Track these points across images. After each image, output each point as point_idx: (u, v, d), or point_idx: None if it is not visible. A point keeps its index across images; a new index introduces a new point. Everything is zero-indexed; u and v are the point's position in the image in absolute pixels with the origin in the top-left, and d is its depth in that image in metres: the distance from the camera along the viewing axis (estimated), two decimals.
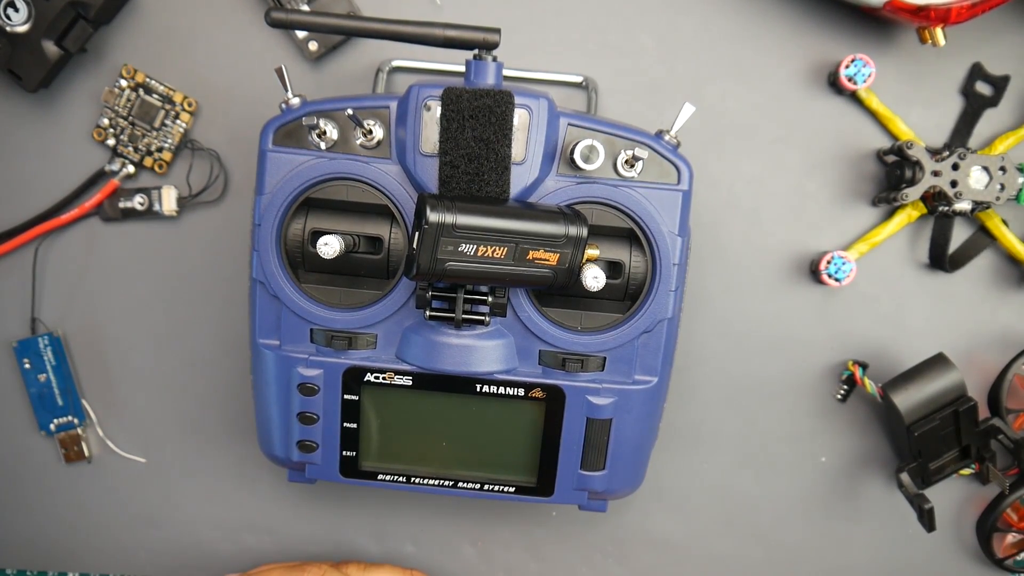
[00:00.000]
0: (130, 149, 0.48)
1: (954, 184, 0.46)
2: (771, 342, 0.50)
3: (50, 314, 0.50)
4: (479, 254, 0.35)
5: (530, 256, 0.36)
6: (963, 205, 0.46)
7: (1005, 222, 0.48)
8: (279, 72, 0.39)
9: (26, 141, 0.49)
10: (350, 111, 0.38)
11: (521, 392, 0.41)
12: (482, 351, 0.40)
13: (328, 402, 0.42)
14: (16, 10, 0.44)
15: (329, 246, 0.38)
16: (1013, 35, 0.48)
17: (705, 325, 0.50)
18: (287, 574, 0.46)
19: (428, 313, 0.39)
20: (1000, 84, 0.48)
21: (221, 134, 0.48)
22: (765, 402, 0.50)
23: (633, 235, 0.40)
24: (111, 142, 0.48)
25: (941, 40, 0.44)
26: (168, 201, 0.48)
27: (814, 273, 0.48)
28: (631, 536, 0.52)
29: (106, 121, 0.48)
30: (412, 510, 0.52)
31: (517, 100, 0.37)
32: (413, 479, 0.44)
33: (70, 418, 0.51)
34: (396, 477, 0.44)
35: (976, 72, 0.48)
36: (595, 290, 0.38)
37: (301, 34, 0.47)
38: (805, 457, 0.51)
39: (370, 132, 0.39)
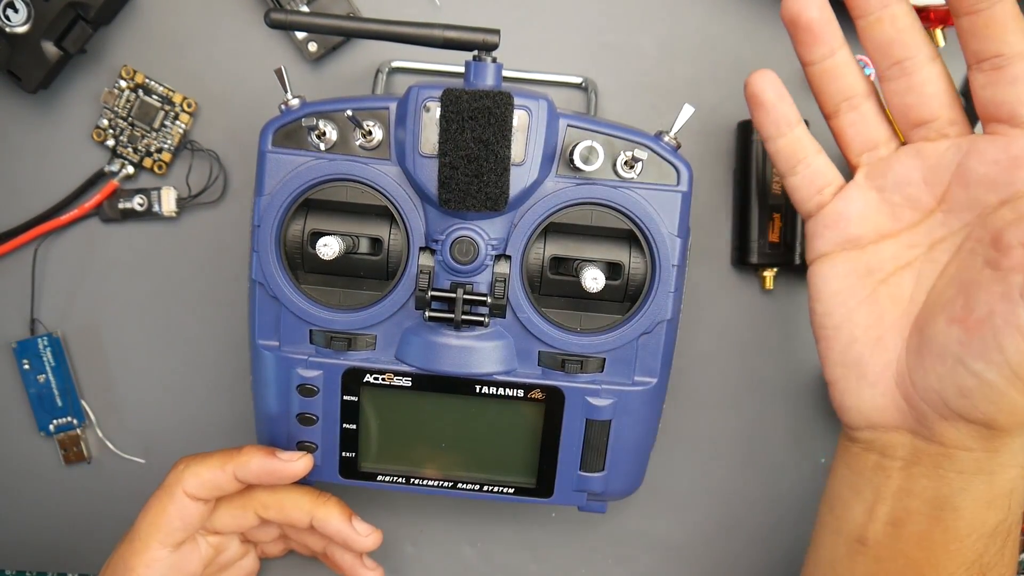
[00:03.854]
0: (129, 150, 0.48)
1: None
2: (771, 343, 0.50)
3: (49, 315, 0.50)
4: None
5: None
6: None
7: None
8: (279, 73, 0.39)
9: (26, 142, 0.49)
10: (349, 112, 0.38)
11: (520, 393, 0.41)
12: (481, 352, 0.40)
13: (327, 403, 0.42)
14: (16, 11, 0.44)
15: (328, 247, 0.38)
16: None
17: (705, 326, 0.50)
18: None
19: (427, 314, 0.39)
20: None
21: (220, 135, 0.48)
22: (765, 402, 0.50)
23: (633, 236, 0.40)
24: (110, 143, 0.48)
25: (941, 41, 0.44)
26: (167, 202, 0.48)
27: None
28: (631, 537, 0.52)
29: (105, 122, 0.48)
30: (412, 511, 0.52)
31: (516, 101, 0.37)
32: (412, 480, 0.44)
33: (69, 419, 0.51)
34: (395, 478, 0.44)
35: None
36: (594, 291, 0.38)
37: (301, 35, 0.47)
38: (805, 457, 0.51)
39: (369, 133, 0.39)
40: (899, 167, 0.36)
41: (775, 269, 0.48)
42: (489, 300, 0.39)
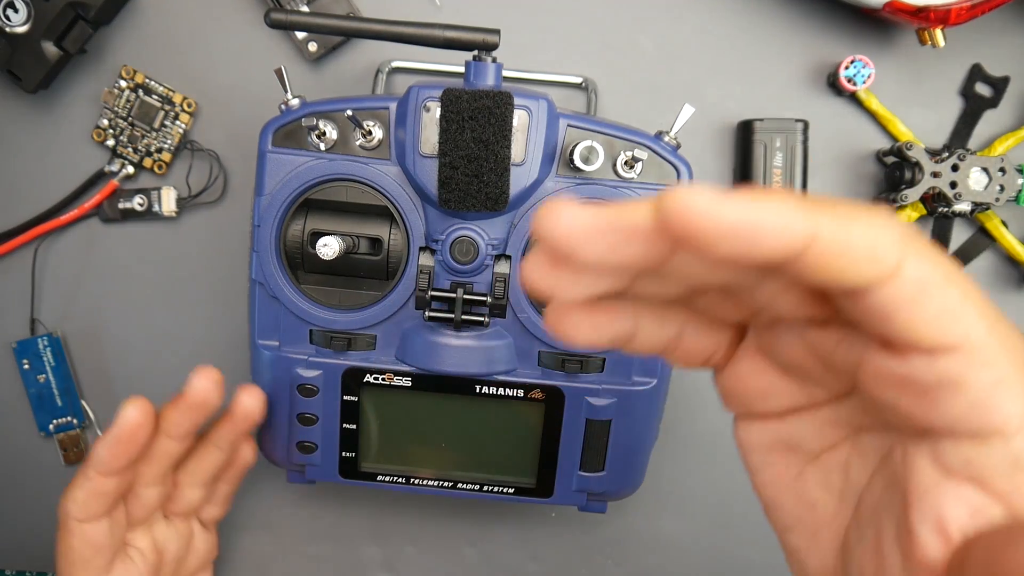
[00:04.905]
0: (129, 150, 0.48)
1: (953, 185, 0.46)
2: None
3: (49, 315, 0.50)
4: None
5: None
6: (962, 206, 0.46)
7: (1004, 223, 0.48)
8: (279, 73, 0.39)
9: (26, 142, 0.49)
10: (349, 112, 0.37)
11: (520, 393, 0.41)
12: (481, 352, 0.40)
13: (327, 403, 0.42)
14: (16, 11, 0.44)
15: (328, 247, 0.38)
16: (1013, 36, 0.48)
17: None
18: None
19: (427, 314, 0.39)
20: (1000, 85, 0.47)
21: (220, 135, 0.48)
22: None
23: None
24: (111, 143, 0.48)
25: (941, 41, 0.44)
26: (167, 202, 0.48)
27: None
28: (631, 537, 0.52)
29: (105, 122, 0.48)
30: (412, 511, 0.52)
31: (517, 101, 0.37)
32: (412, 480, 0.44)
33: (69, 419, 0.51)
34: (395, 478, 0.44)
35: (976, 73, 0.48)
36: None
37: (301, 35, 0.47)
38: None
39: (369, 133, 0.39)
40: (785, 349, 0.25)
41: None
42: (489, 300, 0.39)
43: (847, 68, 0.46)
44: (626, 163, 0.39)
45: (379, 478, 0.44)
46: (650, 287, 0.23)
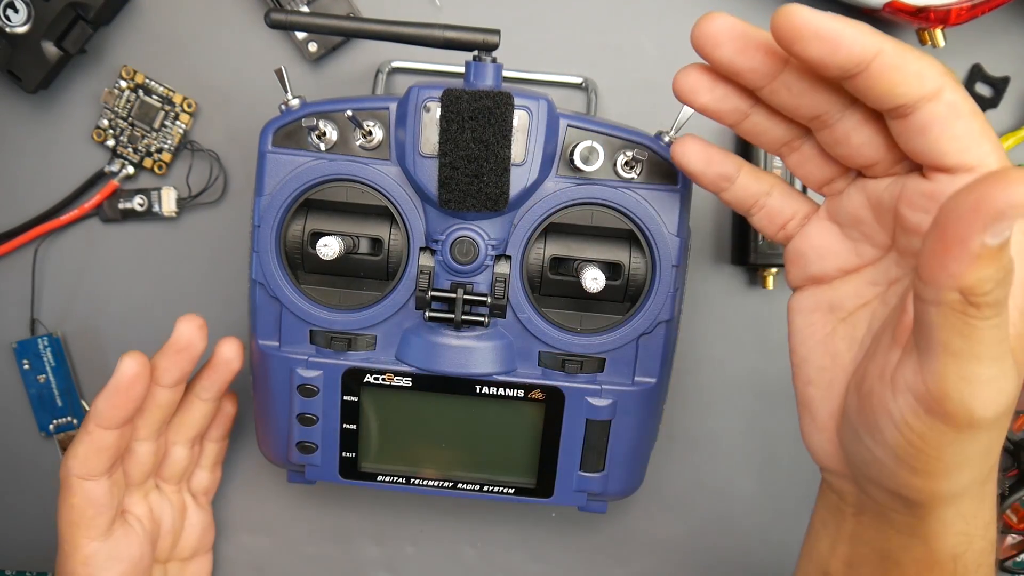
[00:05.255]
0: (130, 150, 0.48)
1: None
2: (772, 342, 0.50)
3: (50, 315, 0.50)
4: None
5: None
6: None
7: None
8: (279, 73, 0.39)
9: (26, 142, 0.49)
10: (350, 112, 0.37)
11: (520, 393, 0.41)
12: (481, 352, 0.40)
13: (328, 403, 0.42)
14: (16, 11, 0.44)
15: (329, 247, 0.38)
16: (1013, 36, 0.48)
17: (705, 326, 0.50)
18: None
19: (427, 314, 0.39)
20: (1000, 85, 0.48)
21: (221, 135, 0.48)
22: (765, 402, 0.50)
23: (633, 236, 0.40)
24: (111, 143, 0.48)
25: (941, 41, 0.44)
26: (168, 202, 0.48)
27: None
28: (631, 537, 0.52)
29: (106, 122, 0.48)
30: (412, 511, 0.52)
31: (517, 101, 0.37)
32: (413, 480, 0.44)
33: (69, 419, 0.51)
34: (396, 478, 0.44)
35: (976, 73, 0.48)
36: (594, 291, 0.38)
37: (301, 35, 0.47)
38: (805, 457, 0.50)
39: (370, 133, 0.39)
40: (849, 203, 0.33)
41: (775, 269, 0.48)
42: (489, 300, 0.39)
43: None
44: (626, 163, 0.39)
45: (379, 478, 0.44)
46: (759, 123, 0.32)
